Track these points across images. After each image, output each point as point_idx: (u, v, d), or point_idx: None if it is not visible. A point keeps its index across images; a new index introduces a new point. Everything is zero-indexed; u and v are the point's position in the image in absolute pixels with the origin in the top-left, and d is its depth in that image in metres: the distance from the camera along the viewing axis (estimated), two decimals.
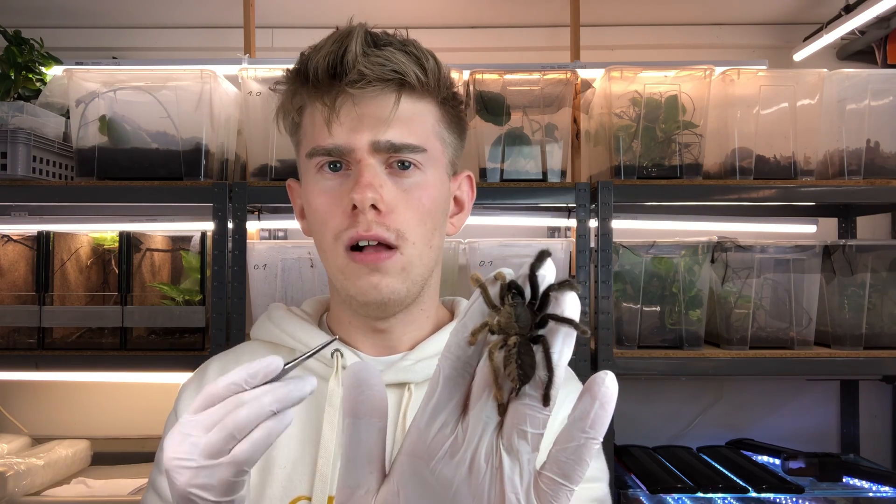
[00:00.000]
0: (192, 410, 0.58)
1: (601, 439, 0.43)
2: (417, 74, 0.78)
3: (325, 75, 0.77)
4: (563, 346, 0.44)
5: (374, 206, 0.76)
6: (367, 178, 0.76)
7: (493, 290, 0.44)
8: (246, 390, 0.58)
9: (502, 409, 0.43)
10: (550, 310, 0.44)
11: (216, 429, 0.57)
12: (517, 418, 0.43)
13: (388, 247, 0.77)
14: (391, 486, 0.47)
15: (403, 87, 0.78)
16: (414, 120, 0.79)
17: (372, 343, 0.86)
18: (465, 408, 0.45)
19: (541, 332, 0.43)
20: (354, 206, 0.75)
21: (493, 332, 0.43)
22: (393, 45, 0.78)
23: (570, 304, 0.44)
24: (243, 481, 0.59)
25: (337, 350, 0.83)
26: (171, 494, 0.58)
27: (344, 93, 0.76)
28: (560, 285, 0.44)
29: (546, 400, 0.42)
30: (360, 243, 0.76)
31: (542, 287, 0.44)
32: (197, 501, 0.57)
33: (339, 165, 0.79)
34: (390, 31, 0.80)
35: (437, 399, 0.45)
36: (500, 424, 0.44)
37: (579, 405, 0.44)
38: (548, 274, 0.45)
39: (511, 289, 0.44)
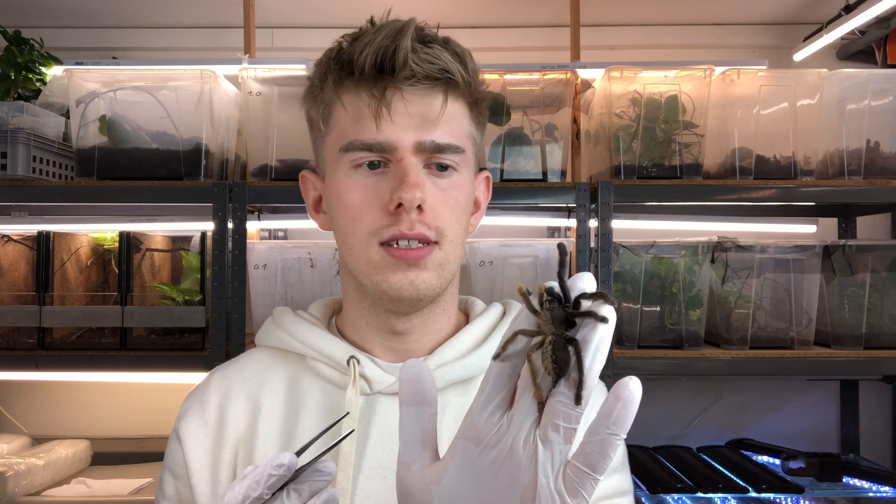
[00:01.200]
0: None
1: (623, 436, 0.48)
2: (462, 74, 0.77)
3: (373, 69, 0.75)
4: (596, 353, 0.49)
5: (417, 206, 0.75)
6: (413, 177, 0.75)
7: (535, 300, 0.51)
8: (266, 499, 0.58)
9: (541, 407, 0.50)
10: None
11: None
12: (552, 414, 0.49)
13: (427, 243, 0.76)
14: (444, 463, 0.53)
15: (449, 85, 0.77)
16: (454, 120, 0.79)
17: (388, 347, 0.83)
18: (511, 402, 0.52)
19: (576, 335, 0.50)
20: (399, 205, 0.74)
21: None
22: (438, 43, 0.77)
23: (606, 314, 0.49)
24: None
25: (353, 357, 0.80)
26: None
27: (393, 87, 0.75)
28: (594, 296, 0.50)
29: (578, 399, 0.48)
30: (400, 242, 0.75)
31: (576, 295, 0.51)
32: None
33: (376, 163, 0.77)
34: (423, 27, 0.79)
35: (487, 393, 0.52)
36: (540, 419, 0.50)
37: (605, 405, 0.48)
38: (587, 287, 0.51)
39: (549, 296, 0.51)
